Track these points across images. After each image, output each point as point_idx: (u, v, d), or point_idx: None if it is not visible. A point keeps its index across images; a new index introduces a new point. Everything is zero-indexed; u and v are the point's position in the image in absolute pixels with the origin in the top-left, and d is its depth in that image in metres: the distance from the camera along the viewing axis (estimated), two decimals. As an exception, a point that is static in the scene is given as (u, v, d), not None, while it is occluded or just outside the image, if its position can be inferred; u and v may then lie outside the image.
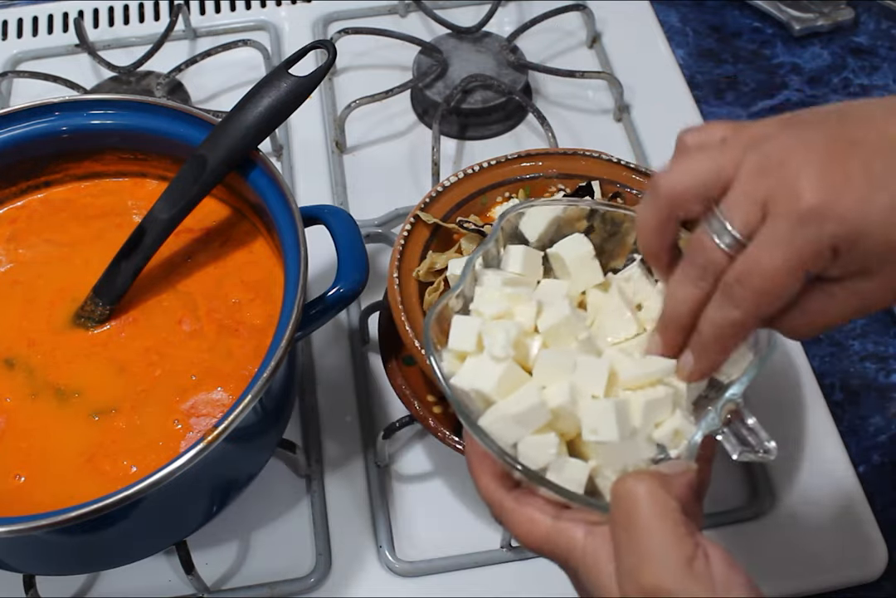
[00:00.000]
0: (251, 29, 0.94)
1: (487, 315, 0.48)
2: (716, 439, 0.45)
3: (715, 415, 0.45)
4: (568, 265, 0.50)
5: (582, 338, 0.47)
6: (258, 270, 0.64)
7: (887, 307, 0.46)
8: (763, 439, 0.44)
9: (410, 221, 0.64)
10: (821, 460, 0.68)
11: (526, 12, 0.93)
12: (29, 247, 0.66)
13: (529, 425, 0.44)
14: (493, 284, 0.49)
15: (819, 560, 0.64)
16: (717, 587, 0.38)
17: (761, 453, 0.43)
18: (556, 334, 0.47)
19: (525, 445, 0.44)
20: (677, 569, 0.39)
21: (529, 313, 0.47)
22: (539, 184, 0.67)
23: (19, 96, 0.90)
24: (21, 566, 0.61)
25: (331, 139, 0.85)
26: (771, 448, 0.43)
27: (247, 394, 0.52)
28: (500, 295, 0.48)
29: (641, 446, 0.45)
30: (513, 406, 0.44)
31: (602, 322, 0.49)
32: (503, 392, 0.45)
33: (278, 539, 0.66)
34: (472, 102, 0.85)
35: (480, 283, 0.50)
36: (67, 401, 0.60)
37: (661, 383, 0.46)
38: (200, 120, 0.63)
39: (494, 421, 0.44)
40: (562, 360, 0.46)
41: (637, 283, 0.50)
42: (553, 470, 0.44)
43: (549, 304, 0.48)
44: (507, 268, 0.50)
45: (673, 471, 0.43)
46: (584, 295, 0.51)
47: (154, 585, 0.65)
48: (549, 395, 0.45)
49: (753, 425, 0.44)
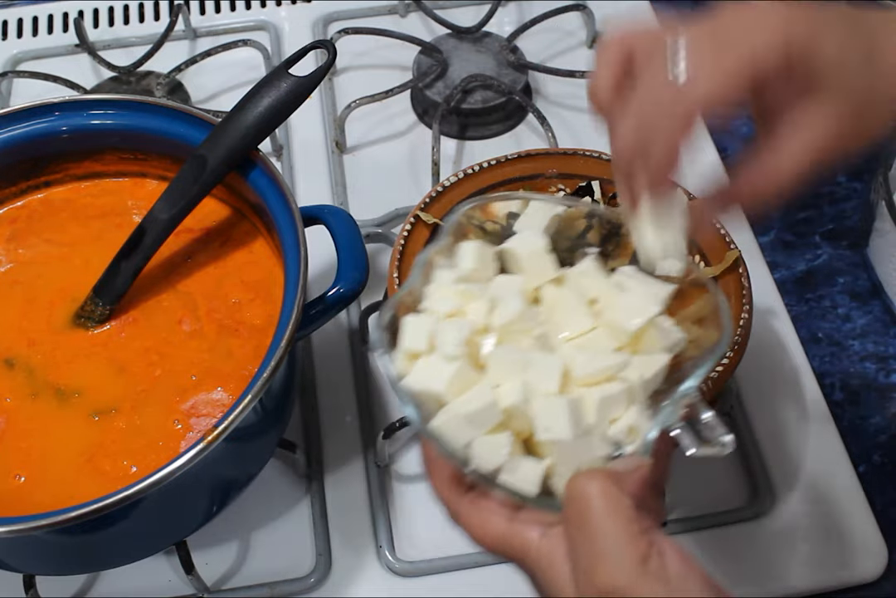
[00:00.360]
0: (251, 29, 0.94)
1: (439, 314, 0.47)
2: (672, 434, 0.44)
3: (671, 410, 0.44)
4: (521, 261, 0.49)
5: (536, 334, 0.46)
6: (258, 270, 0.64)
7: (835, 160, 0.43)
8: (719, 434, 0.43)
9: (410, 221, 0.64)
10: (821, 460, 0.68)
11: (526, 12, 0.93)
12: (29, 247, 0.66)
13: (481, 426, 0.43)
14: (445, 281, 0.48)
15: (819, 560, 0.64)
16: (672, 584, 0.39)
17: (718, 447, 0.43)
18: (509, 331, 0.46)
19: (478, 446, 0.43)
20: (631, 568, 0.39)
21: (482, 310, 0.46)
22: (539, 184, 0.67)
23: (19, 96, 0.90)
24: (21, 566, 0.61)
25: (331, 139, 0.85)
26: (727, 442, 0.43)
27: (247, 394, 0.52)
28: (452, 292, 0.47)
29: (596, 443, 0.44)
30: (464, 406, 0.43)
31: (556, 318, 0.48)
32: (455, 392, 0.44)
33: (278, 539, 0.66)
34: (472, 102, 0.85)
35: (432, 280, 0.49)
36: (67, 401, 0.60)
37: (616, 379, 0.45)
38: (200, 120, 0.63)
39: (446, 422, 0.44)
40: (514, 357, 0.45)
41: (592, 277, 0.49)
42: (507, 471, 0.43)
43: (502, 300, 0.47)
44: (460, 265, 0.49)
45: (626, 468, 0.42)
46: (539, 291, 0.50)
47: (154, 585, 0.65)
48: (501, 394, 0.44)
49: (710, 419, 0.44)
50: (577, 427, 0.43)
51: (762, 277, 0.75)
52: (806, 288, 0.78)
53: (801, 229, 0.81)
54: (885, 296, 0.76)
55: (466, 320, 0.46)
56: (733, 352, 0.59)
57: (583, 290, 0.48)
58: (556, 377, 0.44)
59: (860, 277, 0.78)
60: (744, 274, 0.61)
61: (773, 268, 0.77)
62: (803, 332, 0.74)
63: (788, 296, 0.76)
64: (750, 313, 0.60)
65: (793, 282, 0.78)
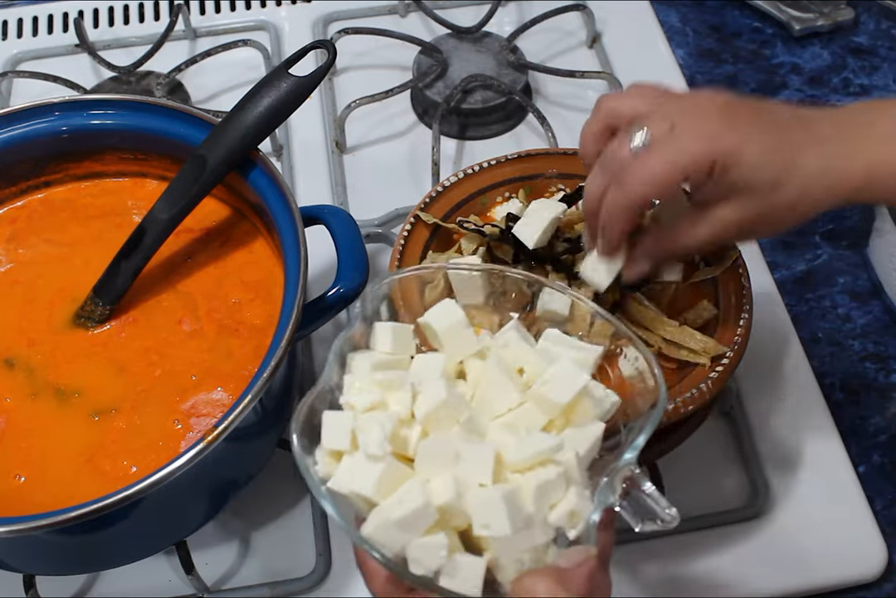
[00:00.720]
0: (251, 29, 0.94)
1: (359, 408, 0.45)
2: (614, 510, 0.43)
3: (611, 487, 0.43)
4: (440, 336, 0.48)
5: (463, 420, 0.44)
6: (258, 270, 0.64)
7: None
8: (663, 507, 0.42)
9: (410, 221, 0.64)
10: (821, 460, 0.68)
11: (526, 12, 0.93)
12: (29, 247, 0.66)
13: (416, 529, 0.41)
14: (363, 370, 0.46)
15: (819, 560, 0.64)
16: None
17: (662, 522, 0.42)
18: (434, 420, 0.44)
19: (413, 549, 0.41)
20: None
21: (405, 400, 0.45)
22: (539, 184, 0.67)
23: (19, 96, 0.90)
24: (21, 566, 0.61)
25: (331, 139, 0.85)
26: (672, 516, 0.42)
27: (247, 394, 0.52)
28: (371, 383, 0.45)
29: (537, 532, 0.42)
30: (396, 510, 0.41)
31: (483, 395, 0.46)
32: (384, 493, 0.42)
33: (278, 539, 0.66)
34: (472, 102, 0.85)
35: (349, 370, 0.47)
36: (67, 401, 0.60)
37: (550, 463, 0.43)
38: (200, 120, 0.63)
39: (377, 528, 0.41)
40: (443, 450, 0.43)
41: (515, 347, 0.47)
42: (446, 574, 0.41)
43: (424, 386, 0.45)
44: (376, 348, 0.47)
45: (572, 562, 0.42)
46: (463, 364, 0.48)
47: (154, 585, 0.65)
48: (433, 491, 0.42)
49: (651, 492, 0.43)
50: (515, 520, 0.41)
51: (762, 277, 0.75)
52: (806, 288, 0.78)
53: (801, 229, 0.81)
54: (885, 296, 0.76)
55: (389, 412, 0.44)
56: (733, 352, 0.58)
57: (508, 362, 0.47)
58: (489, 468, 0.42)
59: (860, 277, 0.78)
60: (744, 274, 0.61)
61: (773, 268, 0.77)
62: (803, 332, 0.74)
63: (788, 296, 0.76)
64: (750, 313, 0.60)
65: (793, 282, 0.78)
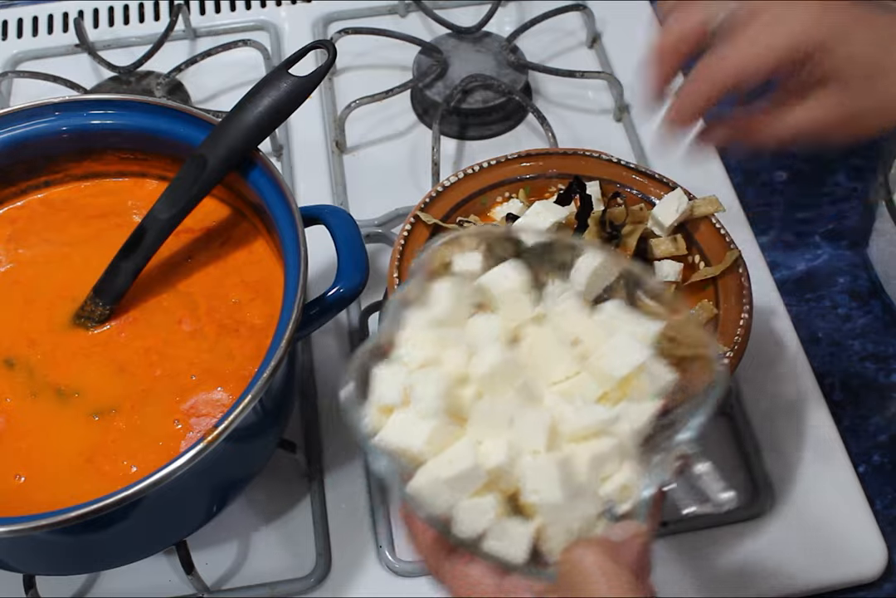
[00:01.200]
0: (251, 29, 0.94)
1: (413, 364, 0.43)
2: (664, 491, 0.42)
3: (665, 464, 0.42)
4: (498, 298, 0.46)
5: (518, 385, 0.43)
6: (258, 270, 0.64)
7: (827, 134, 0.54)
8: (717, 490, 0.41)
9: (410, 221, 0.64)
10: (821, 460, 0.68)
11: (526, 12, 0.93)
12: (29, 247, 0.66)
13: (464, 489, 0.41)
14: (418, 325, 0.45)
15: (819, 560, 0.64)
16: None
17: (715, 505, 0.40)
18: (490, 382, 0.43)
19: (461, 510, 0.41)
20: None
21: (459, 358, 0.43)
22: (539, 184, 0.67)
23: (19, 96, 0.90)
24: (21, 566, 0.61)
25: (331, 139, 0.85)
26: (726, 500, 0.40)
27: (247, 394, 0.52)
28: (426, 339, 0.44)
29: (588, 503, 0.42)
30: (445, 469, 0.40)
31: (538, 361, 0.45)
32: (434, 450, 0.41)
33: (278, 539, 0.66)
34: (472, 102, 0.85)
35: (404, 325, 0.45)
36: (67, 401, 0.60)
37: (605, 434, 0.42)
38: (200, 120, 0.63)
39: (425, 485, 0.41)
40: (498, 412, 0.42)
41: (573, 317, 0.46)
42: (493, 536, 0.41)
43: (480, 347, 0.44)
44: (434, 306, 0.46)
45: (623, 536, 0.41)
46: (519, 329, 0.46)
47: (154, 585, 0.65)
48: (484, 453, 0.41)
49: (707, 474, 0.41)
50: (567, 489, 0.40)
51: (762, 277, 0.75)
52: (806, 288, 0.78)
53: (801, 229, 0.81)
54: (885, 296, 0.76)
55: (443, 370, 0.43)
56: (733, 352, 0.59)
57: (565, 330, 0.46)
58: (544, 435, 0.41)
59: (860, 277, 0.78)
60: (744, 274, 0.61)
61: (773, 268, 0.77)
62: (803, 332, 0.74)
63: (788, 296, 0.76)
64: (750, 313, 0.60)
65: (793, 282, 0.78)
